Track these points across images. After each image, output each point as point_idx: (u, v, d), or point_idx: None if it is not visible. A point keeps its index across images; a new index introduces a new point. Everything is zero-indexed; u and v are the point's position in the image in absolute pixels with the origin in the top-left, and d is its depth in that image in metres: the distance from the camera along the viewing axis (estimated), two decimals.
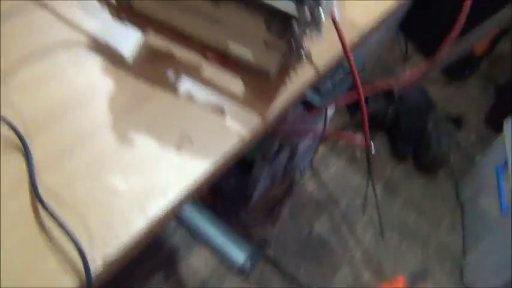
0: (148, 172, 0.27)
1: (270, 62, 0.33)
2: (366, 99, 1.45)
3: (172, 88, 0.32)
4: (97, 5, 0.34)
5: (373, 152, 0.47)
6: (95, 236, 0.24)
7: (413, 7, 1.68)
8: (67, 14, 0.32)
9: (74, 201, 0.24)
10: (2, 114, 0.25)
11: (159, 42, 0.34)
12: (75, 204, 0.24)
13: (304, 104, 0.99)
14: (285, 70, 0.36)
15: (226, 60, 0.34)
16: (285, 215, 1.47)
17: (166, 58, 0.33)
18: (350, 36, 0.42)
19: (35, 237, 0.22)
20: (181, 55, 0.34)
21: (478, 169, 1.43)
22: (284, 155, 1.28)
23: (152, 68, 0.32)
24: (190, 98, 0.32)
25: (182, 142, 0.29)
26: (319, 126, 1.19)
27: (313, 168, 1.59)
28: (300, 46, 0.36)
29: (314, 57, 0.39)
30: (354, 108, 1.72)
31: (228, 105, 0.33)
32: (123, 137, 0.28)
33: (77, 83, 0.29)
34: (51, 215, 0.23)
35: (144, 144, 0.28)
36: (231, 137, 0.31)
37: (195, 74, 0.33)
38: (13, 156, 0.25)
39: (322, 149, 1.65)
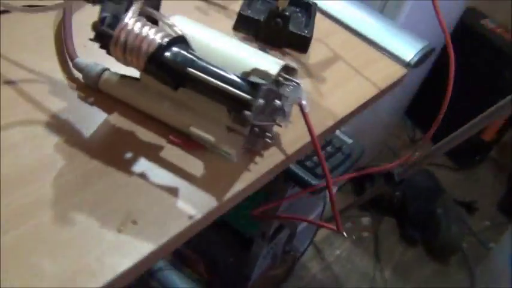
0: (82, 254, 0.26)
1: (232, 146, 0.33)
2: (371, 181, 1.44)
3: (128, 168, 0.32)
4: (65, 83, 0.35)
5: (345, 236, 0.45)
6: None
7: (420, 93, 1.70)
8: (31, 92, 0.34)
9: None
10: None
11: (122, 122, 0.34)
12: None
13: (299, 183, 0.98)
14: (250, 153, 0.36)
15: (189, 143, 0.34)
16: None
17: (127, 138, 0.34)
18: (325, 122, 0.43)
19: None
20: (143, 136, 0.34)
21: (492, 257, 1.36)
22: (283, 235, 1.25)
23: (110, 147, 0.33)
24: (144, 178, 0.32)
25: (126, 223, 0.28)
26: (319, 207, 1.17)
27: (317, 248, 1.54)
28: (264, 132, 0.36)
29: (287, 141, 0.39)
30: (360, 188, 1.70)
31: (183, 186, 0.32)
32: (62, 216, 0.27)
33: (28, 161, 0.29)
34: None
35: (84, 224, 0.27)
36: (181, 219, 0.30)
37: (153, 154, 0.33)
38: None
39: (326, 230, 1.61)
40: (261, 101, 0.28)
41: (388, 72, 0.52)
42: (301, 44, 0.50)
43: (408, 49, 0.55)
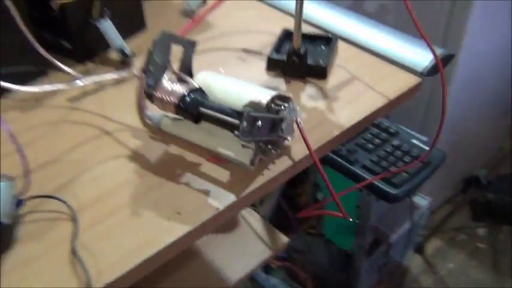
0: (147, 233, 0.42)
1: (245, 157, 0.47)
2: (488, 186, 1.43)
3: (177, 179, 0.47)
4: (141, 129, 0.53)
5: (350, 220, 0.53)
6: None
7: None
8: (120, 137, 0.52)
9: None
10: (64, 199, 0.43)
11: (175, 150, 0.50)
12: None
13: (381, 195, 1.04)
14: (264, 162, 0.49)
15: (218, 159, 0.49)
16: None
17: (178, 160, 0.49)
18: (332, 132, 0.54)
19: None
20: (188, 158, 0.50)
21: None
22: (382, 248, 1.30)
23: (167, 167, 0.49)
24: (187, 185, 0.47)
25: (173, 213, 0.44)
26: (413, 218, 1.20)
27: (429, 262, 1.53)
28: (274, 145, 0.49)
29: (296, 150, 0.51)
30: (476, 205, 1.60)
31: (213, 188, 0.46)
32: (135, 211, 0.43)
33: (115, 181, 0.47)
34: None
35: (148, 215, 0.43)
36: (210, 210, 0.44)
37: (195, 169, 0.48)
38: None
39: (438, 242, 1.60)
40: (245, 124, 0.41)
41: (400, 83, 0.61)
42: (319, 73, 0.62)
43: (420, 59, 0.63)
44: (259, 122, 0.43)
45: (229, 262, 0.95)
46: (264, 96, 0.46)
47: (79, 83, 0.56)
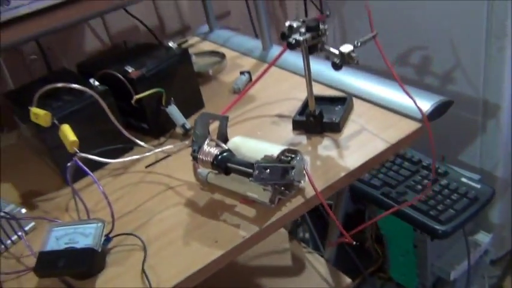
0: (196, 254, 0.58)
1: (266, 198, 0.62)
2: None
3: (218, 218, 0.64)
4: (195, 183, 0.71)
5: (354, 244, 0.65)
6: None
7: None
8: (180, 190, 0.70)
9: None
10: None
11: (218, 196, 0.68)
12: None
13: (430, 232, 1.11)
14: (282, 201, 0.64)
15: (248, 201, 0.65)
16: None
17: (220, 204, 0.67)
18: (339, 174, 0.68)
19: None
20: (227, 201, 0.67)
21: None
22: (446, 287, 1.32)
23: (211, 209, 0.66)
24: (225, 221, 0.63)
25: (213, 241, 0.60)
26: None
27: None
28: (289, 187, 0.64)
29: (309, 191, 0.65)
30: None
31: (243, 223, 0.62)
32: (188, 240, 0.60)
33: (176, 221, 0.65)
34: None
35: (197, 243, 0.60)
36: (239, 238, 0.60)
37: (231, 209, 0.65)
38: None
39: None
40: (256, 172, 0.57)
41: (402, 130, 0.73)
42: (334, 128, 0.76)
43: (420, 107, 0.74)
44: (268, 170, 0.58)
45: None
46: (275, 150, 0.62)
47: (151, 152, 0.77)
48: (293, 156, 0.63)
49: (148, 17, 1.34)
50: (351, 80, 0.88)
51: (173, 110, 0.83)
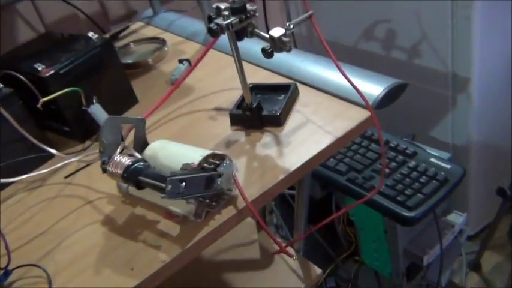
0: (110, 281, 0.50)
1: (190, 212, 0.54)
2: None
3: (136, 238, 0.55)
4: (117, 195, 0.62)
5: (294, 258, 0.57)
6: None
7: None
8: (99, 205, 0.61)
9: None
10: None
11: (140, 211, 0.59)
12: None
13: (398, 219, 1.04)
14: (211, 213, 0.55)
15: (171, 215, 0.56)
16: None
17: (141, 219, 0.58)
18: (277, 177, 0.59)
19: None
20: (149, 216, 0.58)
21: None
22: (422, 272, 1.27)
23: (131, 226, 0.57)
24: (144, 242, 0.54)
25: (128, 268, 0.51)
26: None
27: (485, 279, 1.46)
28: (219, 197, 0.55)
29: (241, 200, 0.57)
30: None
31: (164, 243, 0.54)
32: (100, 267, 0.52)
33: (89, 243, 0.56)
34: None
35: (112, 269, 0.52)
36: (158, 263, 0.51)
37: (153, 226, 0.56)
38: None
39: (497, 257, 1.52)
40: (169, 187, 0.48)
41: (350, 120, 0.65)
42: (275, 121, 0.67)
43: (370, 93, 0.66)
44: (184, 183, 0.50)
45: None
46: (197, 157, 0.53)
47: (69, 161, 0.67)
48: (220, 161, 0.54)
49: (90, 3, 1.22)
50: (300, 64, 0.79)
51: (96, 110, 0.73)
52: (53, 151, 0.67)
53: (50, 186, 0.69)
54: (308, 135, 0.65)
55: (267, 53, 0.58)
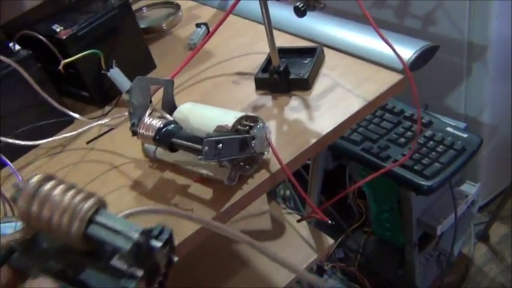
0: None
1: (224, 175, 0.52)
2: None
3: (168, 202, 0.54)
4: (143, 160, 0.61)
5: (329, 222, 0.57)
6: None
7: None
8: (125, 169, 0.60)
9: None
10: None
11: (168, 175, 0.57)
12: None
13: (415, 189, 1.04)
14: (244, 177, 0.54)
15: (202, 179, 0.55)
16: None
17: (171, 183, 0.56)
18: (309, 141, 0.58)
19: None
20: (178, 181, 0.56)
21: None
22: (433, 241, 1.27)
23: (161, 190, 0.56)
24: (175, 205, 0.53)
25: None
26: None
27: (494, 250, 1.47)
28: (252, 161, 0.54)
29: (274, 163, 0.56)
30: None
31: (197, 206, 0.53)
32: None
33: (117, 207, 0.55)
34: None
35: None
36: (189, 229, 0.50)
37: (183, 190, 0.55)
38: None
39: (505, 228, 1.52)
40: (206, 148, 0.47)
41: (380, 83, 0.63)
42: (303, 85, 0.66)
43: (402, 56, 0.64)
44: (220, 145, 0.48)
45: (276, 268, 0.99)
46: (230, 119, 0.52)
47: (91, 125, 0.65)
48: (253, 124, 0.53)
49: None
50: (323, 27, 0.76)
51: (116, 74, 0.71)
52: (76, 115, 0.66)
53: (72, 152, 0.67)
54: (338, 99, 0.63)
55: (300, 12, 0.56)
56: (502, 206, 1.34)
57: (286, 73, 0.65)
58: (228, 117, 0.52)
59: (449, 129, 1.11)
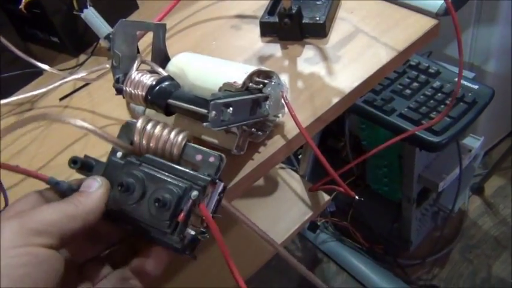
0: None
1: (231, 143, 0.43)
2: None
3: None
4: None
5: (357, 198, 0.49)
6: None
7: None
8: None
9: None
10: None
11: None
12: None
13: (422, 145, 0.97)
14: (254, 145, 0.45)
15: (203, 145, 0.45)
16: (456, 256, 1.37)
17: None
18: (331, 100, 0.48)
19: None
20: None
21: None
22: (431, 197, 1.23)
23: None
24: None
25: None
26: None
27: (488, 203, 1.44)
28: (263, 125, 0.45)
29: (290, 128, 0.46)
30: None
31: None
32: None
33: None
34: None
35: None
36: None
37: None
38: None
39: (498, 181, 1.49)
40: (213, 113, 0.37)
41: (412, 30, 0.53)
42: (318, 31, 0.55)
43: None
44: (230, 108, 0.38)
45: (271, 226, 0.93)
46: (239, 74, 0.42)
47: (64, 80, 0.54)
48: (266, 80, 0.43)
49: None
50: None
51: (91, 16, 0.59)
52: (44, 66, 0.54)
53: (43, 111, 0.56)
54: (361, 49, 0.53)
55: None
56: (504, 159, 1.30)
57: (299, 16, 0.54)
58: (237, 73, 0.42)
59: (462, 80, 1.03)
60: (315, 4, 0.58)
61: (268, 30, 0.58)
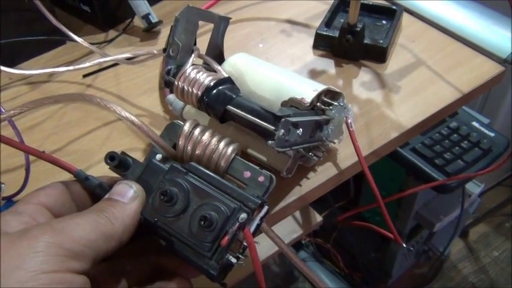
0: None
1: (281, 164, 0.38)
2: None
3: None
4: (161, 115, 0.45)
5: (404, 246, 0.45)
6: None
7: None
8: None
9: None
10: None
11: None
12: None
13: (427, 181, 0.94)
14: (304, 169, 0.40)
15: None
16: None
17: None
18: (389, 134, 0.44)
19: None
20: None
21: None
22: (423, 234, 1.21)
23: None
24: None
25: None
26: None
27: (470, 248, 1.43)
28: (313, 149, 0.40)
29: (344, 156, 0.42)
30: None
31: None
32: None
33: None
34: None
35: None
36: None
37: None
38: None
39: (484, 228, 1.48)
40: (282, 132, 0.32)
41: (478, 72, 0.50)
42: (378, 54, 0.51)
43: (505, 42, 0.51)
44: (300, 130, 0.34)
45: (258, 239, 0.89)
46: (308, 91, 0.37)
47: (93, 59, 0.48)
48: (334, 103, 0.38)
49: None
50: None
51: None
52: (74, 36, 0.48)
53: (62, 85, 0.50)
54: (423, 83, 0.49)
55: None
56: (497, 210, 1.29)
57: (363, 35, 0.50)
58: (304, 89, 0.37)
59: (475, 123, 1.01)
60: (376, 25, 0.54)
61: (322, 43, 0.53)
